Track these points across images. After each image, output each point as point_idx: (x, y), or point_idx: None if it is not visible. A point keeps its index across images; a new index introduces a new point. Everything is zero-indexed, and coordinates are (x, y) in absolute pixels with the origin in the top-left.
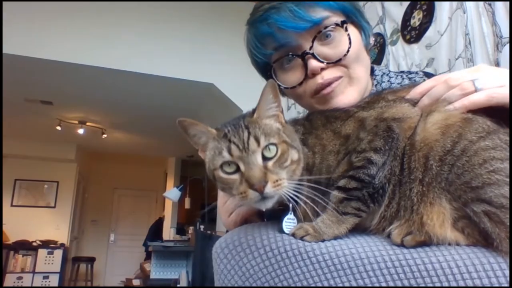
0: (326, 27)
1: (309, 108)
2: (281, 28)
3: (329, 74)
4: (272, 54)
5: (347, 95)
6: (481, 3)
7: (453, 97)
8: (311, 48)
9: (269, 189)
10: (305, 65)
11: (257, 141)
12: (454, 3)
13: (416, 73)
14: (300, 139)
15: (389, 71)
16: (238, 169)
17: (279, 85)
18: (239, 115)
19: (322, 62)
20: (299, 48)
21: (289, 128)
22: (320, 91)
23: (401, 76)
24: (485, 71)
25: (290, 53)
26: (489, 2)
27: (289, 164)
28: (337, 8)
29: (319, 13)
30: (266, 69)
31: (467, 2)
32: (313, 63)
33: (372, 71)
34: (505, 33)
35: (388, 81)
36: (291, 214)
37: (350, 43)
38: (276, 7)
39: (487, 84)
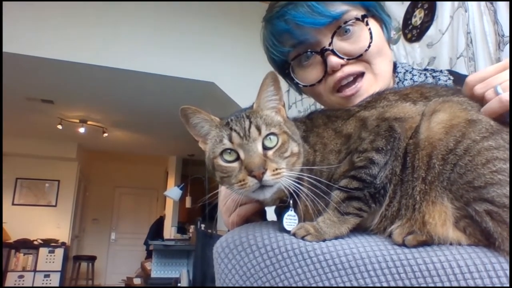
0: (345, 22)
1: (330, 105)
2: (299, 24)
3: (349, 68)
4: (290, 52)
5: (370, 93)
6: (483, 1)
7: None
8: (330, 44)
9: (268, 176)
10: (325, 62)
11: (258, 129)
12: (456, 1)
13: (441, 71)
14: (301, 136)
15: (413, 68)
16: (238, 158)
17: (297, 84)
18: (242, 109)
19: (342, 58)
20: (317, 45)
21: (291, 123)
22: (342, 89)
23: (425, 74)
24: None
25: (309, 50)
26: (491, 0)
27: (289, 155)
28: (357, 2)
29: (338, 7)
30: (283, 67)
31: (468, 1)
32: (332, 60)
33: (395, 68)
34: (507, 31)
35: (411, 79)
36: (291, 210)
37: (371, 37)
38: (294, 3)
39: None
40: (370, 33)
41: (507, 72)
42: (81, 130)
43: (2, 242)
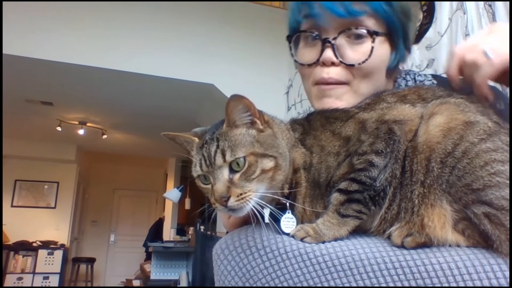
0: (356, 27)
1: (308, 92)
2: (323, 6)
3: (335, 73)
4: (301, 22)
5: (342, 102)
6: (481, 3)
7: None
8: (335, 39)
9: (232, 203)
10: (322, 51)
11: (223, 155)
12: (454, 3)
13: (425, 75)
14: (298, 139)
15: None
16: (210, 181)
17: (292, 56)
18: (221, 120)
19: (337, 58)
20: (325, 32)
21: (268, 133)
22: (321, 85)
23: (405, 78)
24: (497, 33)
25: (316, 32)
26: (489, 2)
27: (258, 175)
28: (383, 17)
29: (362, 7)
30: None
31: (467, 3)
32: (327, 53)
33: (395, 81)
34: None
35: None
36: (289, 213)
37: (369, 55)
38: None
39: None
40: (371, 51)
41: (496, 35)
42: (81, 132)
43: (2, 244)
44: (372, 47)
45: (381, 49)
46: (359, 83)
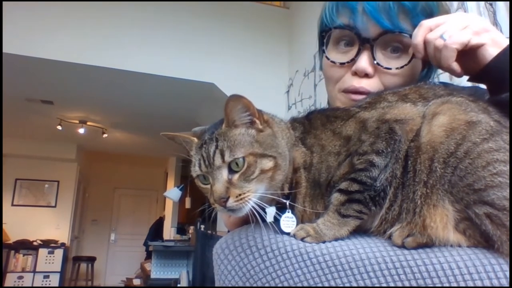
0: (400, 41)
1: (332, 96)
2: (365, 11)
3: (367, 84)
4: (338, 26)
5: None
6: (482, 3)
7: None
8: (374, 40)
9: (230, 203)
10: (357, 54)
11: (222, 156)
12: (455, 3)
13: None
14: (298, 137)
15: None
16: (209, 181)
17: (324, 52)
18: (220, 120)
19: (374, 60)
20: (365, 38)
21: (267, 132)
22: (348, 93)
23: None
24: (451, 19)
25: (355, 36)
26: (490, 2)
27: (257, 175)
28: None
29: (405, 23)
30: (321, 39)
31: (468, 2)
32: (362, 62)
33: None
34: (506, 32)
35: None
36: (288, 212)
37: (409, 61)
38: None
39: (451, 32)
40: (411, 59)
41: (458, 22)
42: (81, 131)
43: (2, 243)
44: (413, 56)
45: (416, 62)
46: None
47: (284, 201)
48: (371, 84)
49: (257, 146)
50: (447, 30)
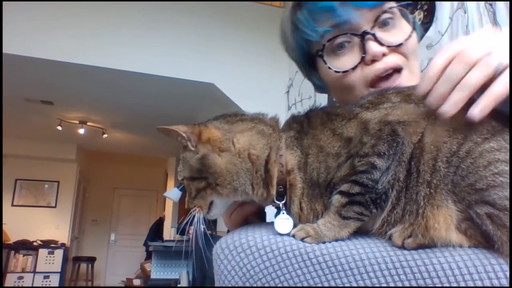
0: (390, 8)
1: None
2: (344, 1)
3: (391, 59)
4: (327, 33)
5: None
6: (482, 3)
7: (474, 81)
8: (372, 27)
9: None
10: (363, 48)
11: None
12: (455, 3)
13: None
14: (294, 137)
15: None
16: None
17: (319, 81)
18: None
19: (383, 45)
20: (358, 29)
21: (201, 153)
22: (377, 83)
23: None
24: (497, 36)
25: (349, 32)
26: (490, 2)
27: (195, 194)
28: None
29: None
30: (308, 53)
31: (468, 2)
32: (373, 47)
33: None
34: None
35: None
36: (283, 213)
37: (413, 28)
38: None
39: (504, 56)
40: (414, 23)
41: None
42: (81, 131)
43: (2, 243)
44: (414, 17)
45: (409, 26)
46: (412, 61)
47: (278, 202)
48: (393, 59)
49: (188, 169)
50: (495, 50)
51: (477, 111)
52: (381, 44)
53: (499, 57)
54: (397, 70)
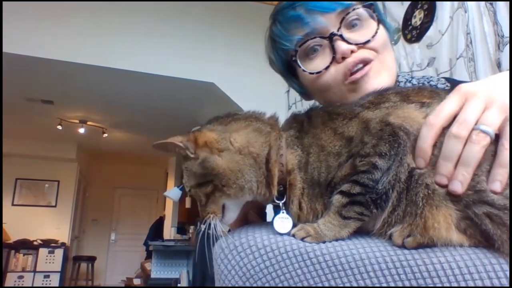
0: (353, 9)
1: (340, 100)
2: (309, 10)
3: (360, 53)
4: (299, 40)
5: (381, 79)
6: (483, 2)
7: (474, 157)
8: (339, 29)
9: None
10: (333, 48)
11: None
12: (455, 2)
13: (438, 79)
14: (294, 136)
15: (412, 77)
16: None
17: (298, 83)
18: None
19: (351, 43)
20: (326, 31)
21: (202, 158)
22: (352, 75)
23: (423, 83)
24: (477, 94)
25: (318, 36)
26: (491, 1)
27: (205, 201)
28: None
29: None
30: (288, 62)
31: (468, 2)
32: (342, 45)
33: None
34: (507, 32)
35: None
36: (283, 213)
37: (378, 25)
38: None
39: (494, 116)
40: (378, 20)
41: (478, 103)
42: (81, 130)
43: (2, 243)
44: (377, 15)
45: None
46: (382, 54)
47: (278, 202)
48: (363, 53)
49: (193, 177)
50: (485, 115)
51: (497, 187)
52: (348, 43)
53: (488, 121)
54: (367, 63)
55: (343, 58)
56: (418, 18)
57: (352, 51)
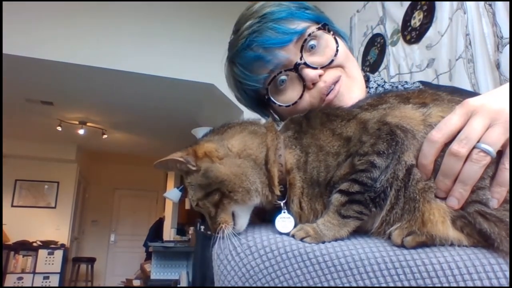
0: (309, 35)
1: None
2: (267, 47)
3: (329, 76)
4: (266, 78)
5: (352, 93)
6: (482, 3)
7: (473, 176)
8: (301, 58)
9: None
10: (301, 77)
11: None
12: (455, 3)
13: (413, 83)
14: (292, 137)
15: (385, 82)
16: None
17: (274, 112)
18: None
19: (316, 68)
20: (290, 64)
21: (204, 168)
22: (327, 96)
23: (396, 86)
24: (482, 111)
25: (283, 69)
26: (490, 2)
27: (215, 211)
28: (313, 19)
29: (299, 25)
30: (259, 99)
31: (467, 3)
32: (310, 73)
33: (368, 81)
34: (506, 33)
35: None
36: (284, 213)
37: (336, 42)
38: (256, 30)
39: (498, 135)
40: (335, 38)
41: (479, 121)
42: (81, 131)
43: (2, 244)
44: (334, 34)
45: (334, 37)
46: (348, 68)
47: (279, 202)
48: (330, 74)
49: (199, 190)
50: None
51: (495, 204)
52: (314, 68)
53: (489, 140)
54: (337, 81)
55: (314, 84)
56: (417, 19)
57: (320, 75)
